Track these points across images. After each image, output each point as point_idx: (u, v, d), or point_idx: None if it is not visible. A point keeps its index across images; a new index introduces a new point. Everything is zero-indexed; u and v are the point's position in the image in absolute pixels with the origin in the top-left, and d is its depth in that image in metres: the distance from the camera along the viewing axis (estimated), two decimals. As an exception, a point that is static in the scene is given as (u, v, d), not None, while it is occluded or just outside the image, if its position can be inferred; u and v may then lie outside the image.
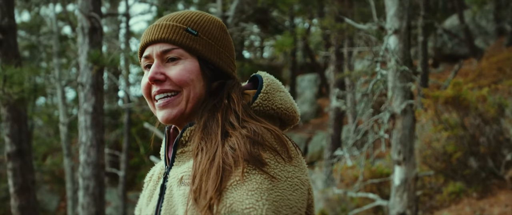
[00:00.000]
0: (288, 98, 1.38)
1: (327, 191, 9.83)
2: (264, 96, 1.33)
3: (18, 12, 17.14)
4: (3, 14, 6.70)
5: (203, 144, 1.25)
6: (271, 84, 1.36)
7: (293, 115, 1.37)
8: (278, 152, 1.21)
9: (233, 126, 1.24)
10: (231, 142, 1.21)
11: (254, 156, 1.17)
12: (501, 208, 6.93)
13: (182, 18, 1.37)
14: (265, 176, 1.17)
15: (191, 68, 1.33)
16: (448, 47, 16.94)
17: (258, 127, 1.23)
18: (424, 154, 7.85)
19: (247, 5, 12.97)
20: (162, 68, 1.34)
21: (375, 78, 6.42)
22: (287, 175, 1.20)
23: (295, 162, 1.23)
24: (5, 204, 15.01)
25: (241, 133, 1.21)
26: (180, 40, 1.33)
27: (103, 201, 7.21)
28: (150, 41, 1.35)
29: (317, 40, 19.80)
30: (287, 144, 1.24)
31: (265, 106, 1.33)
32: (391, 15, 6.07)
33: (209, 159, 1.20)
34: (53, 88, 17.88)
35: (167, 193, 1.32)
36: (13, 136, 6.79)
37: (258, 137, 1.20)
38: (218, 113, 1.29)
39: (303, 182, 1.23)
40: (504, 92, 8.00)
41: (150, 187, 1.45)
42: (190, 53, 1.34)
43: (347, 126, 15.20)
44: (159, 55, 1.34)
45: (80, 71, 7.31)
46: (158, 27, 1.36)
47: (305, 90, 20.29)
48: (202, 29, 1.36)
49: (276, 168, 1.19)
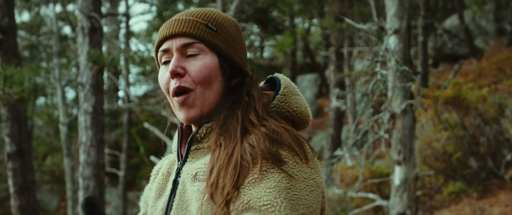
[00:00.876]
0: (303, 102, 1.38)
1: (327, 191, 9.83)
2: (282, 98, 1.33)
3: (18, 12, 17.13)
4: (3, 14, 6.70)
5: (221, 139, 1.24)
6: (288, 87, 1.36)
7: (306, 118, 1.38)
8: (296, 152, 1.21)
9: (253, 124, 1.24)
10: (250, 139, 1.21)
11: (273, 154, 1.17)
12: (501, 208, 6.93)
13: (202, 14, 1.37)
14: (284, 174, 1.17)
15: (211, 64, 1.32)
16: (448, 47, 16.94)
17: (278, 126, 1.23)
18: (424, 154, 7.85)
19: (247, 5, 12.98)
20: (182, 62, 1.32)
21: (375, 78, 6.42)
22: (304, 176, 1.19)
23: (311, 164, 1.23)
24: (5, 204, 15.01)
25: (260, 131, 1.21)
26: (201, 35, 1.33)
27: (103, 201, 7.21)
28: (170, 35, 1.34)
29: (317, 40, 19.80)
30: (304, 145, 1.24)
31: (281, 108, 1.33)
32: (391, 15, 6.07)
33: (228, 155, 1.20)
34: (53, 88, 17.88)
35: (180, 189, 1.31)
36: (13, 136, 6.79)
37: (278, 136, 1.20)
38: (238, 110, 1.28)
39: (318, 185, 1.23)
40: (504, 92, 8.00)
41: (158, 181, 1.44)
42: (210, 49, 1.33)
43: (347, 126, 15.20)
44: (179, 49, 1.33)
45: (80, 71, 7.31)
46: (178, 22, 1.34)
47: (305, 90, 20.30)
48: (221, 26, 1.36)
49: (294, 167, 1.19)
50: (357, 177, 8.13)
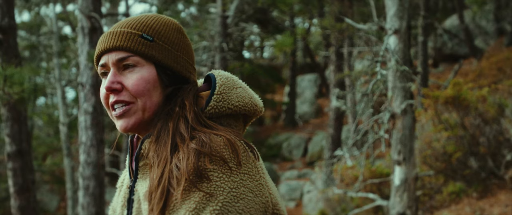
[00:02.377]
0: (245, 93, 1.35)
1: (327, 191, 9.83)
2: (218, 98, 1.30)
3: (18, 12, 17.14)
4: (3, 14, 6.70)
5: (155, 158, 1.24)
6: (225, 84, 1.33)
7: (254, 108, 1.35)
8: (226, 160, 1.19)
9: (182, 138, 1.23)
10: (177, 157, 1.20)
11: (197, 172, 1.16)
12: (501, 208, 6.93)
13: (137, 23, 1.33)
14: (203, 193, 1.16)
15: (148, 77, 1.30)
16: (448, 47, 16.95)
17: (207, 135, 1.21)
18: (424, 154, 7.85)
19: (247, 5, 12.98)
20: (119, 77, 1.30)
21: (375, 78, 6.42)
22: (231, 186, 1.17)
23: (245, 169, 1.21)
24: (5, 204, 15.02)
25: (188, 146, 1.20)
26: (135, 48, 1.30)
27: (103, 201, 7.21)
28: (105, 50, 1.31)
29: (317, 40, 19.80)
30: (238, 149, 1.21)
31: (220, 108, 1.30)
32: (391, 15, 6.07)
33: (158, 177, 1.20)
34: (53, 88, 17.88)
35: (135, 207, 1.31)
36: (13, 136, 6.79)
37: (206, 148, 1.18)
38: (170, 122, 1.27)
39: (251, 190, 1.20)
40: (504, 92, 8.00)
41: (123, 194, 1.43)
42: (147, 60, 1.30)
43: (347, 126, 15.20)
44: (115, 63, 1.31)
45: (80, 71, 7.31)
46: (112, 35, 1.32)
47: (305, 90, 20.30)
48: (157, 34, 1.33)
49: (218, 180, 1.17)
50: (357, 177, 8.13)
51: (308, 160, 16.85)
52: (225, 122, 1.32)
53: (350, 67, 13.09)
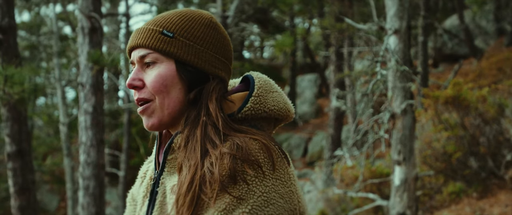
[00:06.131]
0: (281, 98, 1.34)
1: (327, 191, 9.83)
2: (256, 100, 1.30)
3: (18, 12, 17.14)
4: (3, 14, 6.70)
5: (186, 162, 1.24)
6: (263, 86, 1.33)
7: (287, 113, 1.35)
8: (260, 165, 1.19)
9: (214, 143, 1.22)
10: (209, 162, 1.20)
11: (231, 175, 1.17)
12: (501, 208, 6.93)
13: (161, 20, 1.34)
14: (232, 197, 1.16)
15: (165, 73, 1.30)
16: (448, 47, 16.95)
17: (242, 138, 1.21)
18: (424, 154, 7.85)
19: (247, 5, 12.98)
20: (141, 73, 1.33)
21: (375, 78, 6.42)
22: (263, 190, 1.18)
23: (277, 173, 1.21)
24: (5, 204, 15.02)
25: (221, 151, 1.20)
26: (153, 44, 1.31)
27: (103, 201, 7.21)
28: (130, 47, 1.35)
29: (317, 40, 19.79)
30: (273, 153, 1.22)
31: (257, 110, 1.30)
32: (391, 15, 6.07)
33: (187, 183, 1.20)
34: (53, 88, 17.88)
35: (159, 199, 1.32)
36: (13, 136, 6.79)
37: (241, 151, 1.19)
38: (197, 130, 1.26)
39: (282, 196, 1.20)
40: (504, 92, 8.00)
41: (146, 185, 1.44)
42: (166, 57, 1.31)
43: (347, 126, 15.20)
44: (138, 60, 1.33)
45: (80, 71, 7.31)
46: (137, 32, 1.35)
47: (305, 90, 20.29)
48: (179, 30, 1.32)
49: (251, 184, 1.17)
50: (357, 177, 8.13)
51: (308, 160, 16.85)
52: (258, 124, 1.32)
53: (350, 67, 13.09)
